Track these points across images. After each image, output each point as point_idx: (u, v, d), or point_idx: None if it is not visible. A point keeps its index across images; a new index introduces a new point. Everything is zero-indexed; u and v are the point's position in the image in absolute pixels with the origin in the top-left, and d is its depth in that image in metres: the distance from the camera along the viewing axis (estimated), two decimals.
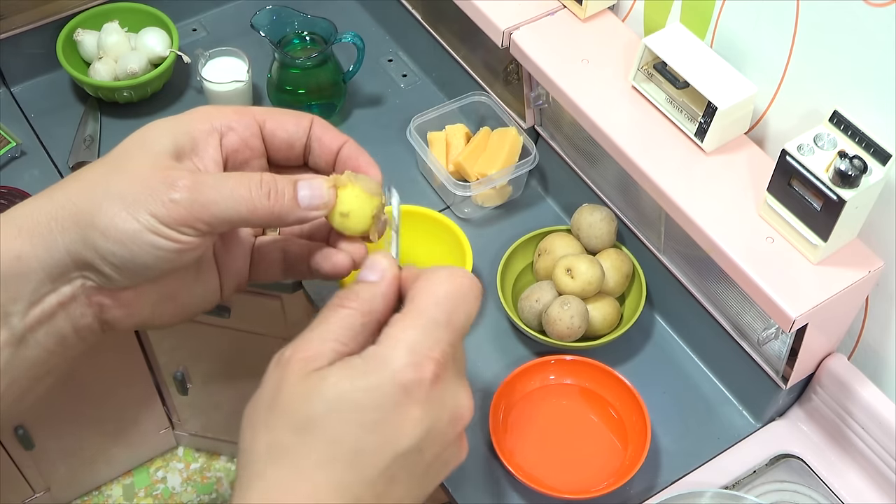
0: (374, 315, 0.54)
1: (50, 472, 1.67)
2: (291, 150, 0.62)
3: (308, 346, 0.51)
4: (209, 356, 1.57)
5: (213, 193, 0.54)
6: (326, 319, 0.53)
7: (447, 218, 1.23)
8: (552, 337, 1.13)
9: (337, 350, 0.51)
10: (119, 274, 0.55)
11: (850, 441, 1.07)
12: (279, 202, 0.56)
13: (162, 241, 0.54)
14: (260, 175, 0.56)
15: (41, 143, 1.37)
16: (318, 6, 1.47)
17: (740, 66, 1.01)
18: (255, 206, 0.55)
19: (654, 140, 1.03)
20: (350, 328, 0.52)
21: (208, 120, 0.59)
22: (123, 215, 0.53)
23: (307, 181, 0.58)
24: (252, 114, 0.61)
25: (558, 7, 1.15)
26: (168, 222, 0.54)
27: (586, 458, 1.10)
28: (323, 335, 0.52)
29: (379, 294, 0.54)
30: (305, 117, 0.62)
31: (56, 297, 0.56)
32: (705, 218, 0.97)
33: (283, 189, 0.56)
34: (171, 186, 0.54)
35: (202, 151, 0.58)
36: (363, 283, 0.55)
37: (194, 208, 0.54)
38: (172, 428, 1.81)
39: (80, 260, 0.55)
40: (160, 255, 0.54)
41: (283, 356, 0.52)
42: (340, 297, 0.54)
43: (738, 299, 1.05)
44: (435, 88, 1.47)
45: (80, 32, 1.40)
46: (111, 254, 0.54)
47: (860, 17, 0.86)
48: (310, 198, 0.57)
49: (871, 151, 0.87)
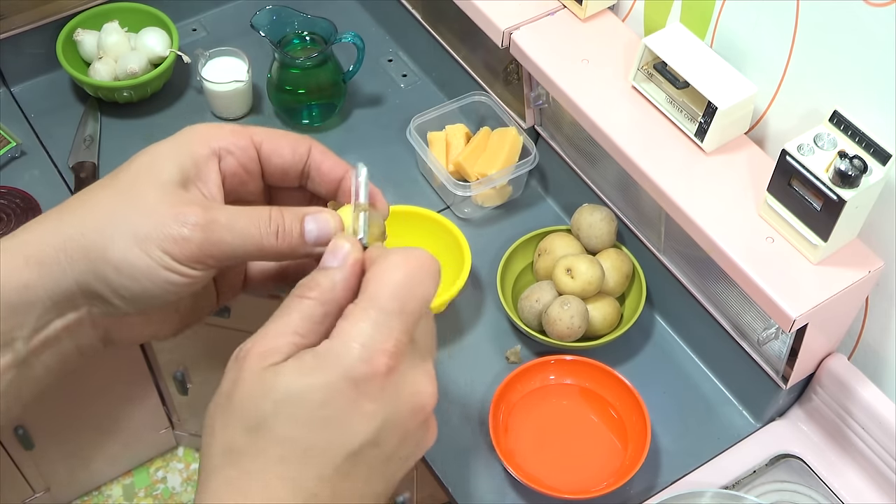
0: (334, 304, 0.53)
1: (50, 472, 1.67)
2: (286, 175, 0.61)
3: (265, 341, 0.51)
4: (209, 356, 1.57)
5: (224, 233, 0.54)
6: (287, 311, 0.52)
7: (445, 218, 1.23)
8: (552, 337, 1.13)
9: (295, 343, 0.51)
10: (126, 304, 0.55)
11: (850, 441, 1.07)
12: (286, 240, 0.56)
13: (173, 277, 0.54)
14: (269, 212, 0.56)
15: (41, 143, 1.37)
16: (318, 6, 1.47)
17: (740, 66, 1.01)
18: (264, 245, 0.55)
19: (654, 140, 1.03)
20: (309, 319, 0.52)
21: (207, 143, 0.58)
22: (136, 251, 0.53)
23: (314, 216, 0.57)
24: (249, 136, 0.60)
25: (558, 7, 1.15)
26: (180, 259, 0.54)
27: (586, 458, 1.10)
28: (281, 328, 0.51)
29: (339, 281, 0.53)
30: (303, 143, 0.61)
31: (62, 321, 0.56)
32: (705, 218, 0.97)
33: (290, 227, 0.56)
34: (183, 224, 0.54)
35: (205, 177, 0.58)
36: (323, 271, 0.54)
37: (205, 246, 0.54)
38: (172, 428, 1.81)
39: (89, 291, 0.55)
40: (170, 288, 0.55)
41: (242, 351, 0.51)
42: (301, 286, 0.53)
43: (738, 299, 1.05)
44: (435, 88, 1.47)
45: (80, 32, 1.40)
46: (123, 287, 0.54)
47: (860, 17, 0.86)
48: (317, 234, 0.57)
49: (871, 151, 0.87)
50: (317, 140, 0.61)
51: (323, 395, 0.49)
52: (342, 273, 0.53)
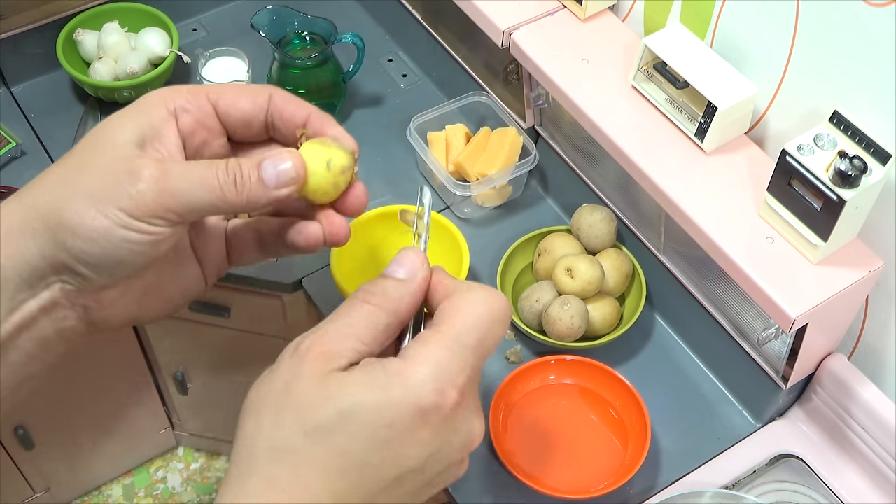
0: (398, 316, 0.52)
1: (50, 472, 1.67)
2: (249, 127, 0.60)
3: (328, 341, 0.50)
4: (209, 356, 1.57)
5: (181, 182, 0.53)
6: (349, 314, 0.51)
7: (445, 218, 1.23)
8: (552, 337, 1.13)
9: (357, 349, 0.50)
10: (95, 273, 0.54)
11: (850, 441, 1.07)
12: (246, 187, 0.54)
13: (133, 235, 0.53)
14: (226, 162, 0.54)
15: (41, 143, 1.37)
16: (318, 6, 1.46)
17: (740, 66, 1.01)
18: (224, 194, 0.54)
19: (654, 140, 1.03)
20: (373, 327, 0.51)
21: (163, 104, 0.57)
22: (92, 212, 0.52)
23: (273, 159, 0.55)
24: (205, 93, 0.59)
25: (558, 7, 1.15)
26: (137, 215, 0.52)
27: (586, 458, 1.10)
28: (344, 330, 0.50)
29: (408, 294, 0.52)
30: (262, 93, 0.59)
31: (36, 302, 0.54)
32: (705, 218, 0.97)
33: (248, 174, 0.54)
34: (137, 178, 0.52)
35: (164, 137, 0.56)
36: (392, 280, 0.52)
37: (163, 198, 0.52)
38: (172, 428, 1.81)
39: (55, 262, 0.53)
40: (132, 248, 0.53)
41: (301, 346, 0.50)
42: (366, 291, 0.52)
43: (738, 299, 1.05)
44: (435, 88, 1.47)
45: (80, 32, 1.40)
46: (83, 252, 0.53)
47: (860, 17, 0.86)
48: (276, 176, 0.55)
49: (871, 151, 0.87)
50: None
51: (390, 416, 0.48)
52: (412, 287, 0.52)
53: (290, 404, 0.49)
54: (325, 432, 0.48)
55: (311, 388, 0.49)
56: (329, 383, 0.49)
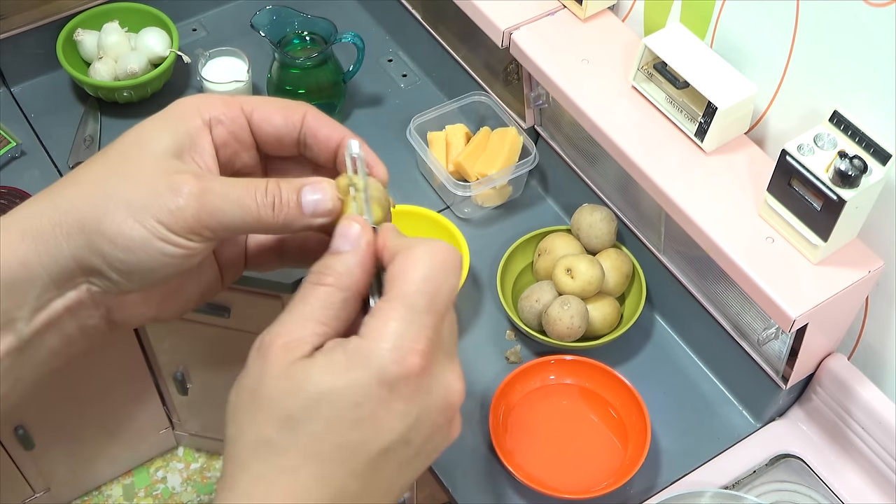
0: (353, 289, 0.52)
1: (50, 472, 1.67)
2: (280, 143, 0.60)
3: (288, 331, 0.50)
4: (209, 356, 1.57)
5: (220, 202, 0.53)
6: (304, 300, 0.52)
7: (445, 218, 1.23)
8: (552, 337, 1.13)
9: (318, 332, 0.51)
10: (126, 279, 0.54)
11: (850, 441, 1.07)
12: (283, 212, 0.55)
13: (169, 248, 0.53)
14: (265, 183, 0.55)
15: (41, 143, 1.37)
16: (318, 6, 1.47)
17: (740, 66, 1.01)
18: (261, 216, 0.54)
19: (654, 140, 1.03)
20: (330, 307, 0.51)
21: (198, 113, 0.57)
22: (130, 222, 0.52)
23: (311, 186, 0.56)
24: (239, 104, 0.59)
25: (558, 7, 1.15)
26: (175, 229, 0.53)
27: (586, 458, 1.10)
28: (302, 317, 0.51)
29: (355, 266, 0.52)
30: (297, 110, 0.59)
31: (63, 301, 0.55)
32: (705, 218, 0.97)
33: (287, 198, 0.55)
34: (177, 193, 0.53)
35: (200, 148, 0.57)
36: (337, 256, 0.53)
37: (201, 216, 0.53)
38: (172, 428, 1.81)
39: (87, 266, 0.54)
40: (167, 260, 0.54)
41: (264, 341, 0.51)
42: (316, 273, 0.52)
43: (738, 299, 1.05)
44: (435, 88, 1.47)
45: (80, 32, 1.40)
46: (118, 260, 0.53)
47: (860, 17, 0.86)
48: (314, 205, 0.55)
49: (871, 151, 0.87)
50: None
51: (356, 396, 0.48)
52: (356, 256, 0.52)
53: (262, 400, 0.50)
54: (297, 421, 0.49)
55: (279, 381, 0.49)
56: (295, 372, 0.49)
